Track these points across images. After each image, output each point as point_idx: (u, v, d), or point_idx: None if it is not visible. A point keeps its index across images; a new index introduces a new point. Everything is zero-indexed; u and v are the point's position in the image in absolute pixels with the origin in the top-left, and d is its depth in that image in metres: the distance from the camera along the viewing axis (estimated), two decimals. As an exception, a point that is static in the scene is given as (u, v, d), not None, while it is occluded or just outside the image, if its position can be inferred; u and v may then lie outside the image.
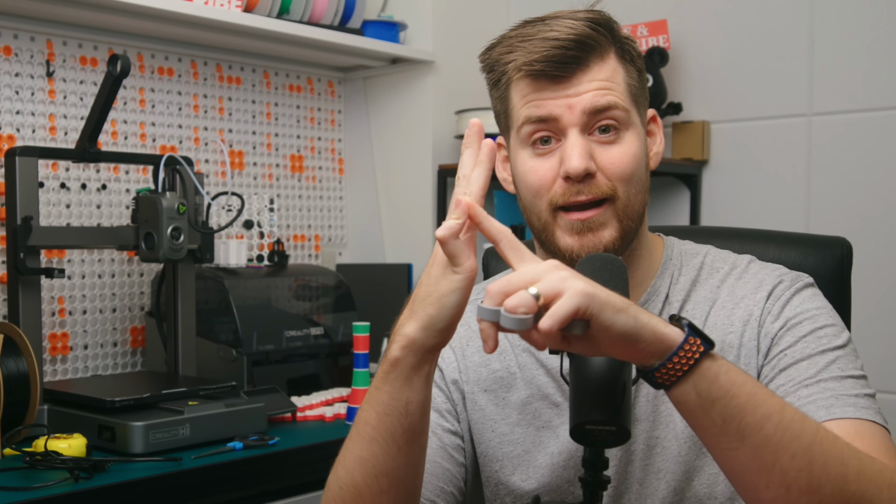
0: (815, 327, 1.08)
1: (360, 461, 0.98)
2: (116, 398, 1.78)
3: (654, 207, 2.72)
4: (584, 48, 1.06)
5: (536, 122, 1.08)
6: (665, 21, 2.62)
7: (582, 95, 1.06)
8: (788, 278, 1.14)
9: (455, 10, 2.80)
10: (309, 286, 2.41)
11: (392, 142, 2.83)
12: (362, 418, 0.99)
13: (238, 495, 1.77)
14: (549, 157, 1.09)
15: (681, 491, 1.10)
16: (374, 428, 0.97)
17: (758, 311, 1.11)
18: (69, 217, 2.27)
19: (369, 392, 0.99)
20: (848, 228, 1.90)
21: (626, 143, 1.09)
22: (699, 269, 1.17)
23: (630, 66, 1.11)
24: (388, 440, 0.97)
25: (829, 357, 1.05)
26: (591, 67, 1.07)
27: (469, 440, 1.18)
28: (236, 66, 2.64)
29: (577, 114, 1.07)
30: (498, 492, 1.16)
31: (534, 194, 1.10)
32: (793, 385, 1.04)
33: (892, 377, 2.31)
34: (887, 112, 2.35)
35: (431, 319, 0.93)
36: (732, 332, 1.11)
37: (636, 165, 1.10)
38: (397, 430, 0.96)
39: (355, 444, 0.99)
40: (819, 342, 1.06)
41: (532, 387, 1.16)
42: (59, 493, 1.52)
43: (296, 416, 2.08)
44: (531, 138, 1.10)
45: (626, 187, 1.09)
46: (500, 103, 1.14)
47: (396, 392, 0.96)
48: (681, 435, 1.10)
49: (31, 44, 2.21)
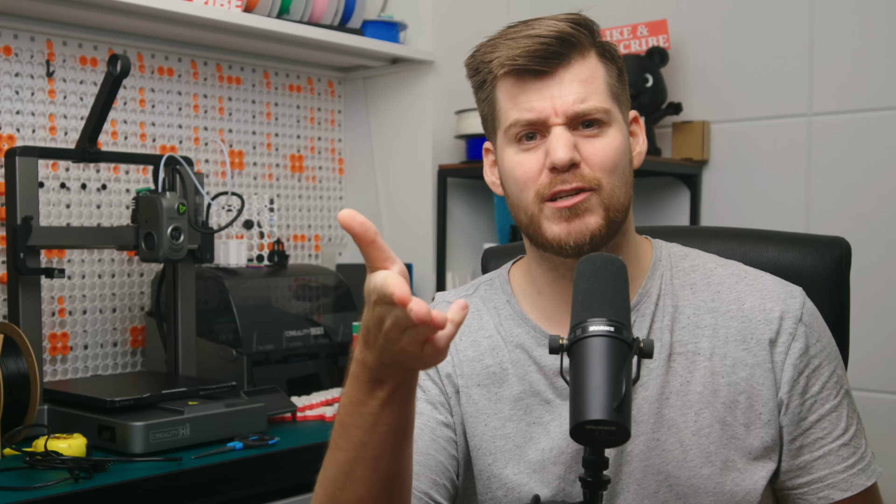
0: (833, 369, 1.15)
1: (342, 474, 0.98)
2: (116, 398, 1.78)
3: (654, 207, 2.72)
4: (565, 44, 1.10)
5: (525, 124, 1.12)
6: (665, 21, 2.62)
7: (565, 96, 1.10)
8: (798, 295, 1.16)
9: (455, 10, 2.80)
10: (309, 286, 2.41)
11: (392, 142, 2.83)
12: (336, 434, 0.98)
13: (238, 495, 1.77)
14: (535, 151, 1.12)
15: (683, 496, 1.10)
16: (346, 441, 0.97)
17: (769, 331, 1.13)
18: (69, 217, 2.27)
19: (340, 410, 0.97)
20: (848, 228, 1.90)
21: (609, 137, 1.12)
22: (690, 272, 1.19)
23: (610, 65, 1.15)
24: (363, 449, 0.96)
25: (845, 406, 1.14)
26: (573, 64, 1.11)
27: (462, 433, 1.19)
28: (236, 66, 2.64)
29: (561, 115, 1.10)
30: (490, 485, 1.17)
31: (520, 187, 1.13)
32: (832, 440, 1.13)
33: (893, 377, 2.31)
34: (887, 112, 2.35)
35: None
36: (747, 350, 1.13)
37: (619, 158, 1.12)
38: (373, 437, 0.95)
39: (330, 466, 0.99)
40: (836, 387, 1.14)
41: (524, 383, 1.17)
42: (59, 493, 1.52)
43: (296, 416, 2.08)
44: (517, 136, 1.13)
45: (610, 178, 1.11)
46: (487, 106, 1.17)
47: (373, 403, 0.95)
48: (687, 442, 1.11)
49: (31, 44, 2.21)
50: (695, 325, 1.14)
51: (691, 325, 1.15)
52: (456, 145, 2.77)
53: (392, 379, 0.90)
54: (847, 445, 1.13)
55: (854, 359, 1.43)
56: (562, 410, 1.13)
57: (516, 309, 1.21)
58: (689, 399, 1.12)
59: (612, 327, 0.88)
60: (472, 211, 2.84)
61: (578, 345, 0.89)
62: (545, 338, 1.17)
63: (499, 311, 1.22)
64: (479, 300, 1.25)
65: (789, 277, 1.22)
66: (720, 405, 1.11)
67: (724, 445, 1.11)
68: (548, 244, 1.12)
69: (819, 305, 1.19)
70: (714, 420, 1.11)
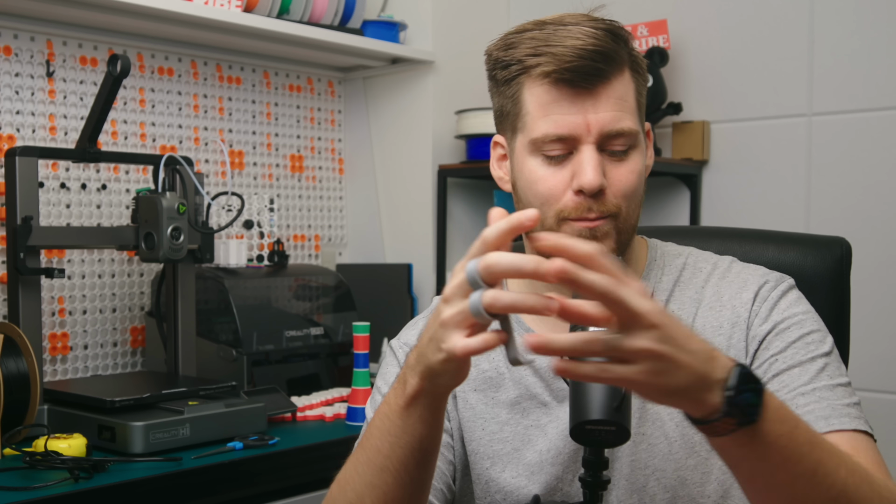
0: (803, 333, 1.11)
1: (371, 487, 0.98)
2: (116, 398, 1.78)
3: (654, 207, 2.72)
4: (608, 61, 1.07)
5: (555, 140, 1.09)
6: (665, 21, 2.62)
7: (600, 114, 1.08)
8: (773, 279, 1.16)
9: (455, 10, 2.80)
10: (309, 286, 2.41)
11: (392, 142, 2.83)
12: (374, 445, 0.98)
13: (238, 495, 1.77)
14: (561, 168, 1.10)
15: (672, 488, 1.11)
16: (387, 458, 0.97)
17: (745, 313, 1.13)
18: (69, 217, 2.27)
19: (382, 416, 0.98)
20: (848, 228, 1.90)
21: (633, 161, 1.12)
22: (681, 270, 1.20)
23: (640, 80, 1.14)
24: (401, 470, 0.96)
25: (819, 364, 1.08)
26: (612, 82, 1.09)
27: (459, 438, 1.19)
28: (236, 66, 2.64)
29: (594, 134, 1.08)
30: (488, 489, 1.17)
31: (542, 202, 1.11)
32: (788, 392, 1.06)
33: (892, 377, 2.31)
34: (887, 112, 2.35)
35: (436, 379, 0.92)
36: (721, 335, 1.13)
37: (639, 182, 1.13)
38: (410, 462, 0.96)
39: (366, 470, 0.99)
40: (808, 348, 1.09)
41: (520, 387, 1.17)
42: (59, 493, 1.52)
43: (296, 416, 2.08)
44: (545, 148, 1.10)
45: (628, 203, 1.11)
46: (510, 102, 1.13)
47: (411, 428, 0.95)
48: (671, 434, 1.11)
49: (31, 44, 2.21)
50: (690, 324, 1.15)
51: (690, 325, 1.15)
52: (456, 145, 2.77)
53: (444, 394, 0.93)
54: (806, 395, 1.06)
55: (854, 359, 1.43)
56: (559, 412, 1.14)
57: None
58: None
59: (611, 327, 0.88)
60: (472, 211, 2.84)
61: (578, 345, 0.89)
62: None
63: None
64: None
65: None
66: None
67: None
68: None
69: (819, 305, 1.18)
70: None
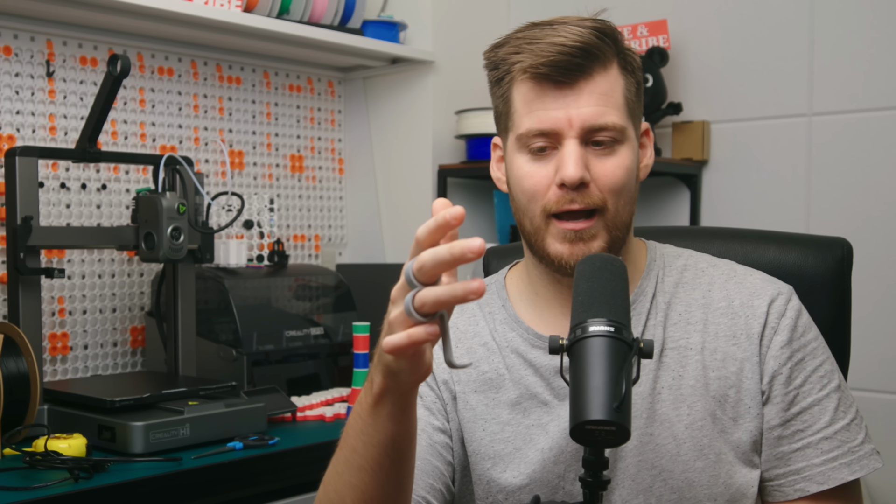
0: (817, 364, 1.14)
1: (351, 486, 0.99)
2: (116, 398, 1.78)
3: (654, 207, 2.72)
4: (589, 56, 1.09)
5: (538, 134, 1.11)
6: (665, 21, 2.62)
7: (582, 109, 1.09)
8: (784, 291, 1.17)
9: (455, 10, 2.80)
10: (309, 286, 2.41)
11: (392, 142, 2.83)
12: (350, 444, 0.99)
13: (238, 495, 1.77)
14: (545, 163, 1.11)
15: (678, 490, 1.11)
16: (362, 457, 0.97)
17: (758, 327, 1.14)
18: (69, 217, 2.27)
19: (356, 415, 0.98)
20: (848, 229, 1.90)
21: (619, 156, 1.12)
22: (682, 271, 1.20)
23: (630, 78, 1.14)
24: (376, 468, 0.97)
25: (834, 400, 1.13)
26: (594, 77, 1.10)
27: (458, 439, 1.19)
28: (236, 66, 2.64)
29: (576, 128, 1.09)
30: (490, 489, 1.17)
31: (528, 198, 1.13)
32: (813, 434, 1.12)
33: (893, 377, 2.31)
34: (887, 112, 2.35)
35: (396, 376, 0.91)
36: (736, 345, 1.14)
37: (627, 178, 1.12)
38: (384, 461, 0.96)
39: (344, 469, 1.00)
40: (822, 382, 1.13)
41: (521, 387, 1.17)
42: (59, 493, 1.52)
43: (296, 416, 2.08)
44: (529, 144, 1.12)
45: (616, 199, 1.11)
46: (502, 103, 1.16)
47: (382, 426, 0.94)
48: (680, 435, 1.12)
49: (31, 44, 2.21)
50: (686, 321, 1.16)
51: (682, 321, 1.16)
52: (456, 145, 2.77)
53: (388, 391, 0.91)
54: (829, 439, 1.12)
55: (854, 359, 1.43)
56: (560, 411, 1.14)
57: (511, 313, 1.22)
58: (681, 393, 1.13)
59: (612, 327, 0.88)
60: (472, 211, 2.84)
61: (578, 345, 0.89)
62: (539, 340, 1.18)
63: (493, 316, 1.23)
64: (476, 305, 1.25)
65: (790, 278, 1.23)
66: (711, 399, 1.13)
67: (716, 439, 1.12)
68: (549, 260, 1.13)
69: (820, 306, 1.19)
70: (706, 413, 1.12)
